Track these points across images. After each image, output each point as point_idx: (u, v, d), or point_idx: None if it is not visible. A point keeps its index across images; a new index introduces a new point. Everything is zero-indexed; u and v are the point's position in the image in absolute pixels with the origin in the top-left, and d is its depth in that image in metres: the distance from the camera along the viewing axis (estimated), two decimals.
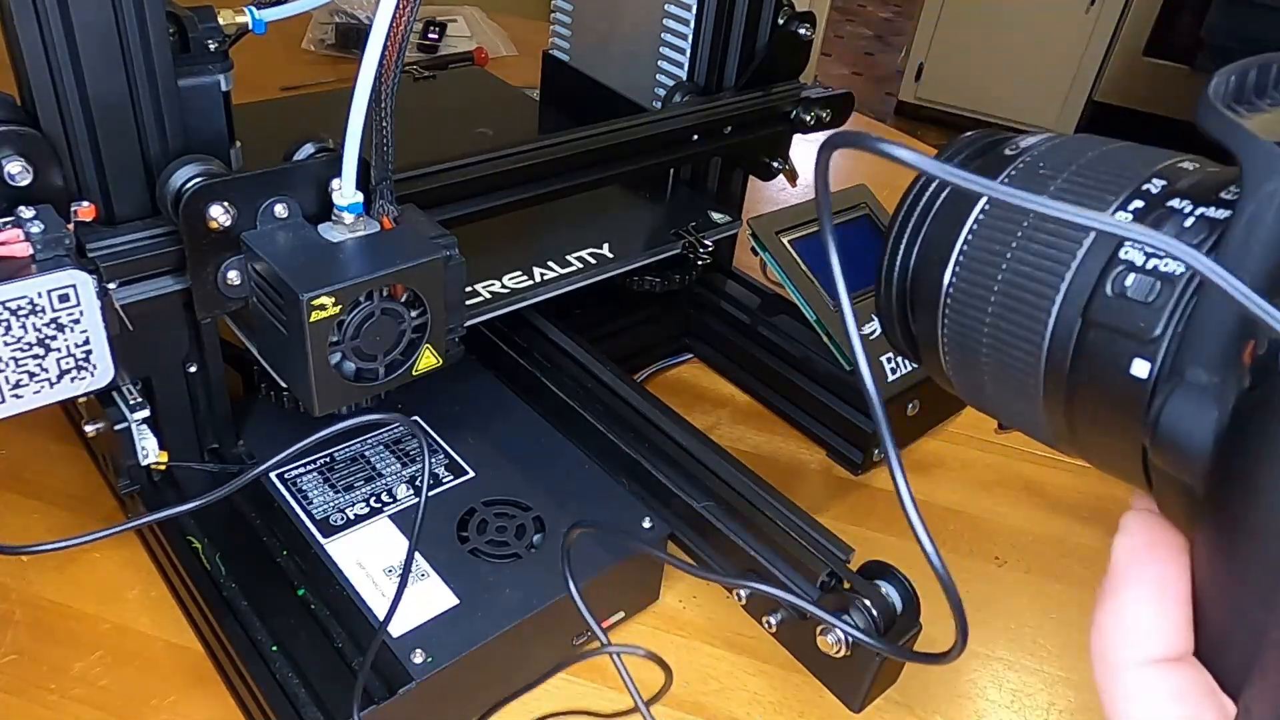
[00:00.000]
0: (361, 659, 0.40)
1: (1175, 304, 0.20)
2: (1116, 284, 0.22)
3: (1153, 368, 0.21)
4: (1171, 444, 0.20)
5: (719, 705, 0.46)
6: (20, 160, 0.36)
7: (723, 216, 0.64)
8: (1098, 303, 0.22)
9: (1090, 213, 0.18)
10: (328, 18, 1.10)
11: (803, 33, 0.61)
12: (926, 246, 0.28)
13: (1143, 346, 0.21)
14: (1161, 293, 0.21)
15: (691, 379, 0.67)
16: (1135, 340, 0.21)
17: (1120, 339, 0.21)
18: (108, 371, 0.38)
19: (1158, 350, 0.21)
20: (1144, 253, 0.21)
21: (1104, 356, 0.22)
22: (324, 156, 0.41)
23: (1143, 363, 0.21)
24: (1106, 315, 0.22)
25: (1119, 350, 0.21)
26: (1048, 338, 0.23)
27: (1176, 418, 0.20)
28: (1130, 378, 0.21)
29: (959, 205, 0.26)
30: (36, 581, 0.47)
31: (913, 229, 0.28)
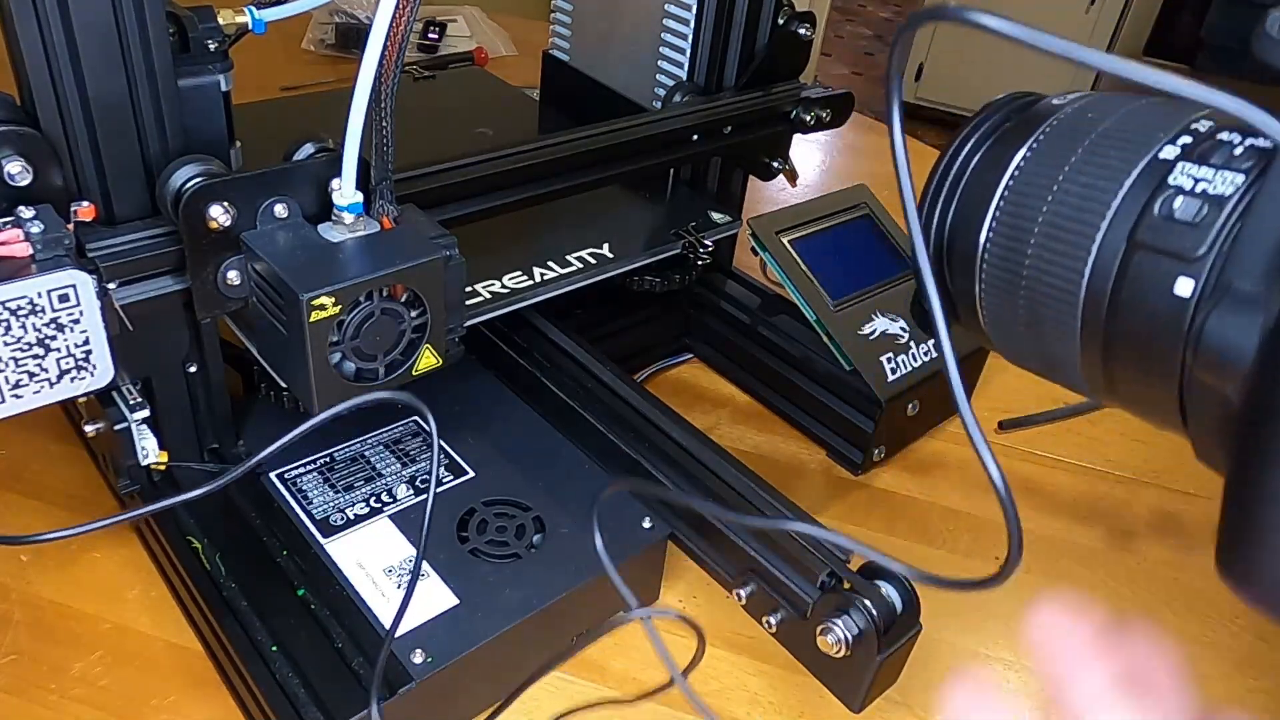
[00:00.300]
0: (362, 659, 0.40)
1: (1222, 224, 0.21)
2: (1164, 207, 0.22)
3: (1196, 285, 0.22)
4: (1216, 353, 0.21)
5: (719, 705, 0.46)
6: (20, 160, 0.36)
7: (723, 216, 0.64)
8: (1144, 225, 0.23)
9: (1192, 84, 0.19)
10: (328, 18, 1.10)
11: (803, 33, 0.61)
12: (965, 199, 0.28)
13: (1188, 265, 0.22)
14: (1208, 214, 0.21)
15: (691, 379, 0.67)
16: (1180, 260, 0.22)
17: (1165, 260, 0.22)
18: (108, 371, 0.38)
19: (1202, 268, 0.21)
20: (1192, 177, 0.22)
21: (1148, 278, 0.23)
22: (324, 156, 0.41)
23: (1187, 281, 0.22)
24: (1153, 237, 0.22)
25: (1163, 271, 0.22)
26: (1090, 264, 0.24)
27: (1221, 327, 0.21)
28: (1174, 298, 0.22)
29: (999, 155, 0.27)
30: (36, 581, 0.47)
31: (950, 186, 0.29)
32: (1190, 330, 0.22)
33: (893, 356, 0.58)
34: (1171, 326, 0.22)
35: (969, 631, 0.51)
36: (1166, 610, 0.54)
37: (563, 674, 0.46)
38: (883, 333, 0.59)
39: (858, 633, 0.42)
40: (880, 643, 0.42)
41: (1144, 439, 0.66)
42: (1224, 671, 0.51)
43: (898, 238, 0.64)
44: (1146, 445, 0.66)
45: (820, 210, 0.62)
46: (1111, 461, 0.64)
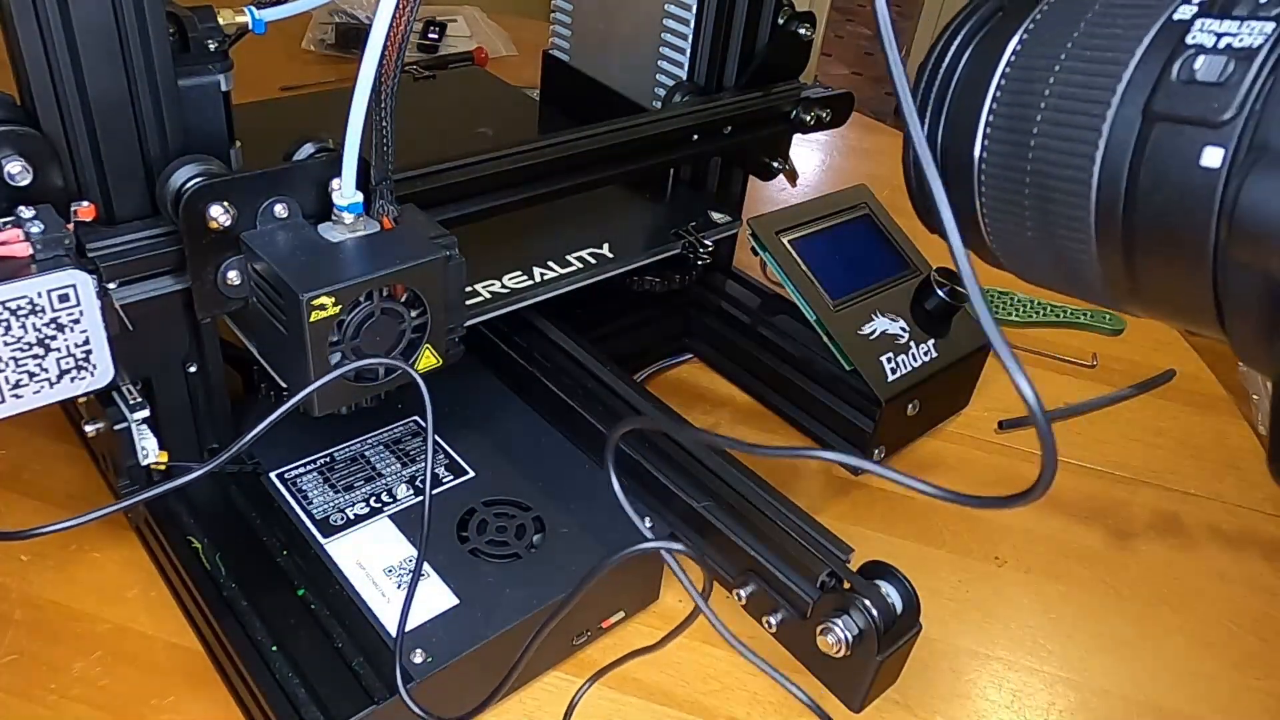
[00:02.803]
0: (362, 659, 0.40)
1: (1252, 80, 0.19)
2: (1184, 70, 0.20)
3: (1226, 153, 0.19)
4: (1256, 223, 0.18)
5: (719, 705, 0.46)
6: (20, 160, 0.36)
7: (723, 216, 0.64)
8: (1162, 93, 0.20)
9: None
10: (328, 18, 1.10)
11: (803, 33, 0.61)
12: (957, 100, 0.25)
13: (1215, 132, 0.19)
14: (1235, 71, 0.19)
15: (691, 379, 0.67)
16: (1206, 127, 0.19)
17: (1189, 129, 0.20)
18: (108, 371, 0.38)
19: (1232, 133, 0.19)
20: (1213, 33, 0.20)
21: (1169, 152, 0.20)
22: (324, 156, 0.41)
23: (1215, 150, 0.19)
24: (1172, 105, 0.20)
25: (1187, 141, 0.20)
26: (1103, 145, 0.21)
27: (1261, 192, 0.18)
28: (1201, 170, 0.19)
29: (990, 47, 0.25)
30: (36, 581, 0.47)
31: (939, 89, 0.26)
32: (1223, 203, 0.19)
33: (892, 356, 0.58)
34: (1201, 203, 0.19)
35: (969, 631, 0.51)
36: (1166, 610, 0.54)
37: (562, 674, 0.46)
38: (883, 333, 0.59)
39: (858, 633, 0.42)
40: (880, 643, 0.42)
41: (1144, 439, 0.66)
42: (1224, 671, 0.51)
43: (898, 238, 0.64)
44: (1146, 445, 0.66)
45: (820, 210, 0.62)
46: (1111, 461, 0.64)
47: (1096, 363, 0.73)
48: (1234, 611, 0.54)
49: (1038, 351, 0.73)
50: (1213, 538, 0.59)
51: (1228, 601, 0.55)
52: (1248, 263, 0.19)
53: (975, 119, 0.24)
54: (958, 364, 0.61)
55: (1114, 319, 0.77)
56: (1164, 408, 0.69)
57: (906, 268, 0.63)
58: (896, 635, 0.43)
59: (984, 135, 0.24)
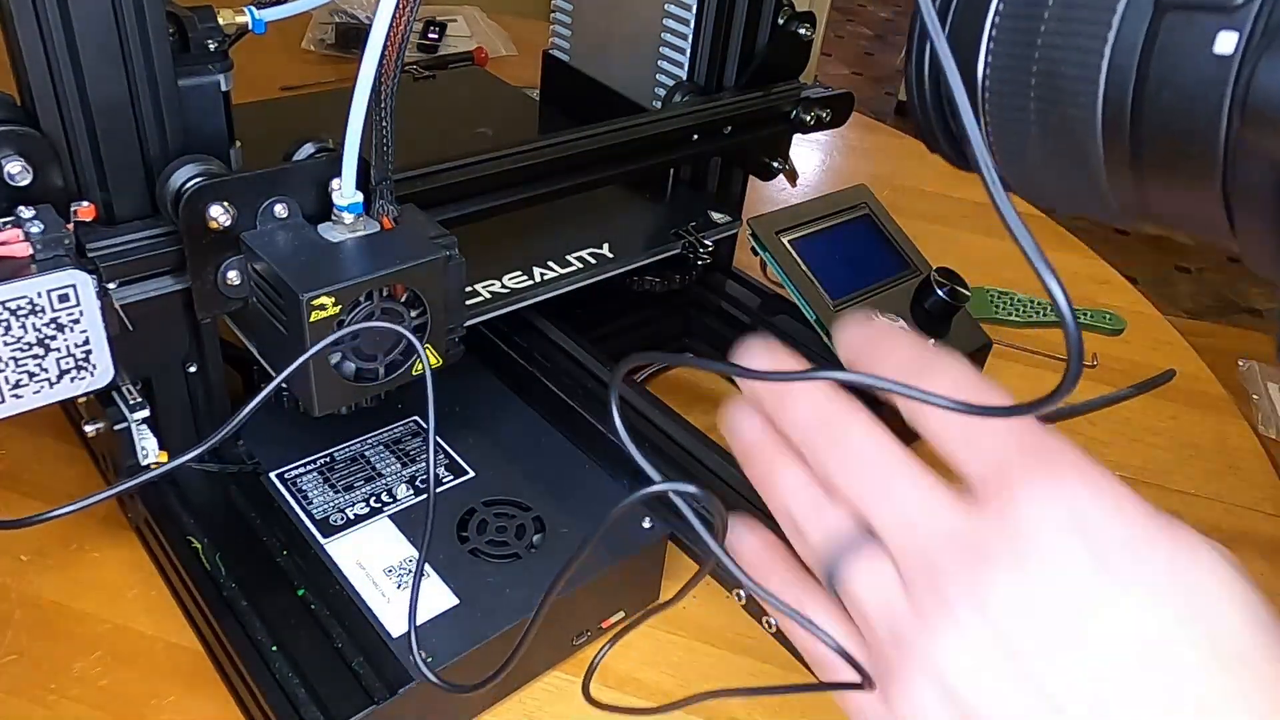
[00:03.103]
0: (362, 659, 0.40)
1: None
2: None
3: (1240, 37, 0.18)
4: (1268, 107, 0.17)
5: (719, 705, 0.46)
6: (20, 160, 0.36)
7: (723, 216, 0.64)
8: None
9: None
10: (328, 18, 1.10)
11: (803, 33, 0.61)
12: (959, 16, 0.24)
13: (1228, 16, 0.18)
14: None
15: (691, 379, 0.67)
16: (1218, 12, 0.18)
17: (1200, 14, 0.19)
18: (108, 371, 0.38)
19: (1246, 16, 0.18)
20: None
21: (1181, 42, 0.19)
22: (324, 156, 0.41)
23: (1229, 35, 0.18)
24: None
25: (1199, 29, 0.19)
26: (1112, 39, 0.20)
27: (1273, 74, 0.17)
28: (1213, 58, 0.18)
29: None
30: (36, 581, 0.47)
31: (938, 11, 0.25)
32: (1235, 90, 0.18)
33: None
34: (1212, 92, 0.18)
35: None
36: None
37: (562, 674, 0.46)
38: None
39: None
40: None
41: (1144, 439, 0.66)
42: None
43: (898, 238, 0.64)
44: (1146, 445, 0.66)
45: (820, 210, 0.62)
46: (1111, 461, 0.64)
47: (1096, 363, 0.73)
48: None
49: (1038, 351, 0.73)
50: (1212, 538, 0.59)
51: None
52: (1259, 150, 0.18)
53: (980, 27, 0.23)
54: None
55: (1114, 319, 0.77)
56: (1164, 408, 0.69)
57: (906, 268, 0.63)
58: None
59: (989, 42, 0.23)
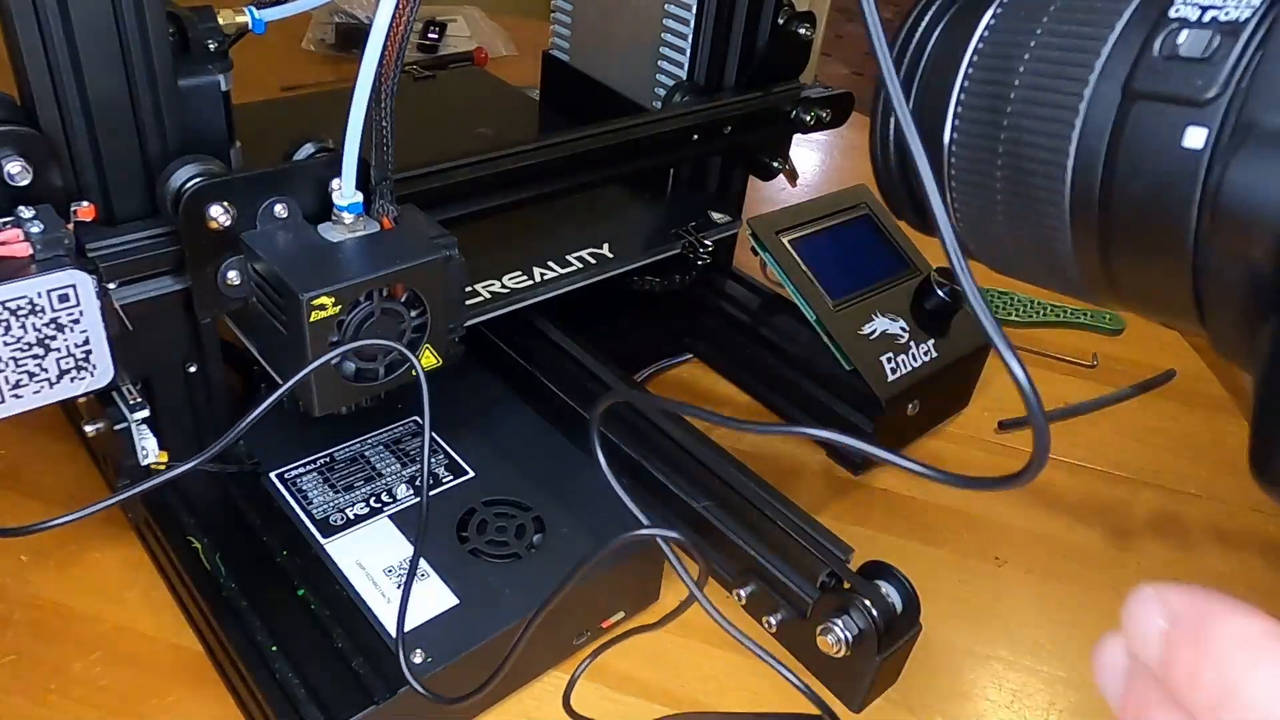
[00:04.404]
0: (362, 659, 0.40)
1: (1239, 55, 0.18)
2: (1166, 45, 0.19)
3: (1210, 134, 0.18)
4: (1242, 207, 0.17)
5: (719, 705, 0.46)
6: (20, 160, 0.36)
7: (723, 216, 0.64)
8: (1143, 69, 0.19)
9: None
10: (328, 18, 1.10)
11: (803, 32, 0.61)
12: (925, 86, 0.24)
13: (1198, 111, 0.18)
14: (1221, 45, 0.18)
15: (691, 379, 0.67)
16: (1189, 105, 0.18)
17: (1171, 108, 0.18)
18: (108, 371, 0.38)
19: (1216, 112, 0.18)
20: (1197, 6, 0.19)
21: (1150, 132, 0.19)
22: (324, 156, 0.41)
23: (1198, 130, 0.18)
24: (1154, 82, 0.19)
25: (1169, 121, 0.18)
26: (1079, 124, 0.20)
27: (1247, 173, 0.17)
28: (1183, 151, 0.18)
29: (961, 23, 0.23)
30: (36, 581, 0.47)
31: (904, 79, 0.25)
32: (1205, 186, 0.18)
33: (892, 356, 0.58)
34: (1182, 186, 0.18)
35: (969, 631, 0.51)
36: None
37: (562, 674, 0.46)
38: (883, 333, 0.59)
39: (858, 633, 0.42)
40: (880, 643, 0.42)
41: (1144, 439, 0.66)
42: None
43: (898, 238, 0.64)
44: (1146, 445, 0.66)
45: (820, 210, 0.62)
46: (1111, 461, 0.64)
47: (1096, 363, 0.73)
48: None
49: (1038, 351, 0.73)
50: (1213, 538, 0.59)
51: None
52: (1230, 249, 0.18)
53: (946, 99, 0.23)
54: (958, 364, 0.61)
55: (1114, 319, 0.77)
56: (1164, 408, 0.69)
57: (906, 268, 0.63)
58: (896, 635, 0.43)
59: (954, 115, 0.23)
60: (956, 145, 0.23)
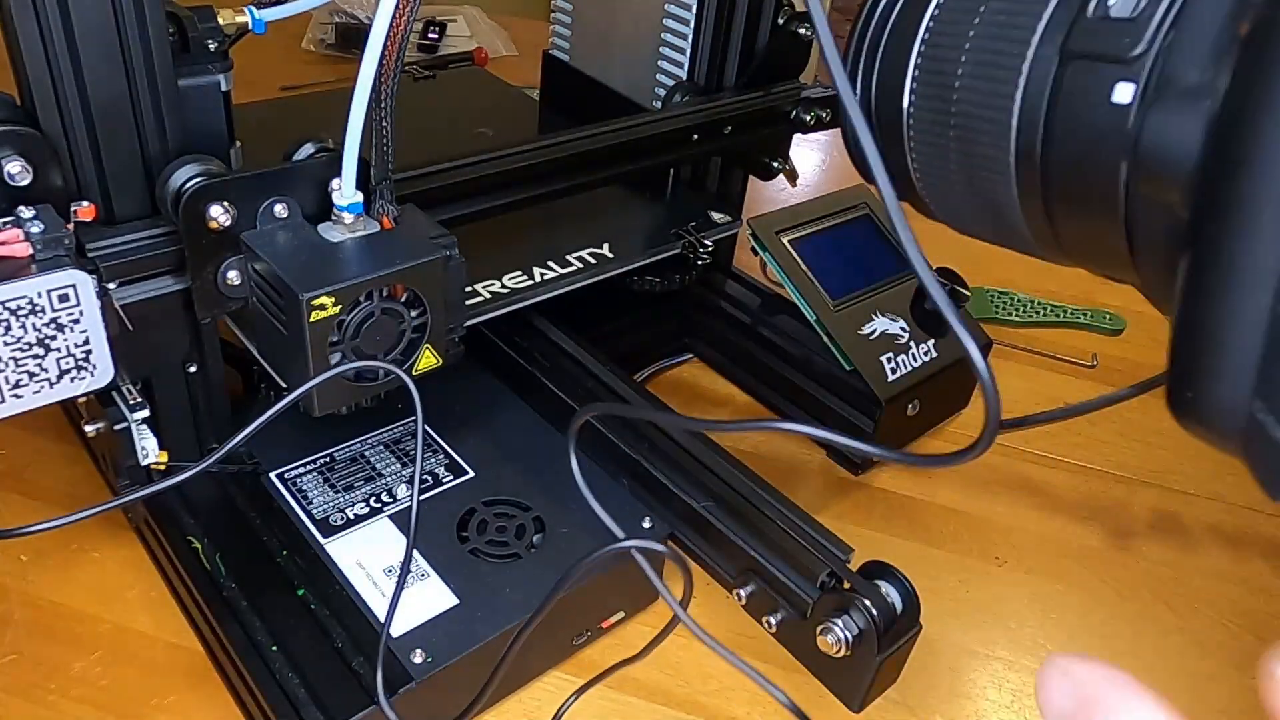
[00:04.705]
0: (361, 658, 0.40)
1: (1163, 14, 0.19)
2: (1099, 6, 0.20)
3: (1136, 89, 0.19)
4: (1158, 156, 0.18)
5: (719, 705, 0.46)
6: (20, 160, 0.36)
7: (723, 216, 0.64)
8: (1077, 31, 0.20)
9: None
10: (328, 18, 1.10)
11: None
12: (885, 59, 0.25)
13: (1126, 68, 0.19)
14: (1147, 5, 0.19)
15: (691, 379, 0.67)
16: (1118, 63, 0.19)
17: (1102, 66, 0.20)
18: (108, 371, 0.38)
19: (1142, 68, 0.19)
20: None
21: (1083, 90, 0.20)
22: (324, 156, 0.41)
23: (1126, 85, 0.19)
24: (1087, 42, 0.20)
25: (1101, 79, 0.20)
26: (1022, 86, 0.21)
27: (1162, 125, 0.18)
28: (1112, 107, 0.19)
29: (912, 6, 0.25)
30: (36, 581, 0.47)
31: (868, 53, 0.26)
32: (1130, 138, 0.19)
33: (892, 356, 0.58)
34: (1112, 140, 0.19)
35: (969, 631, 0.51)
36: (1166, 610, 0.54)
37: (562, 674, 0.46)
38: (883, 333, 0.59)
39: (858, 633, 0.42)
40: (880, 643, 0.42)
41: (1144, 439, 0.66)
42: (1224, 671, 0.51)
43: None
44: (1146, 445, 0.66)
45: (820, 210, 0.62)
46: (1111, 461, 0.64)
47: (1096, 363, 0.73)
48: (1234, 611, 0.54)
49: (1038, 351, 0.73)
50: (1213, 538, 0.59)
51: (1228, 601, 0.55)
52: (1151, 196, 0.19)
53: (903, 69, 0.24)
54: (958, 364, 0.61)
55: (1114, 319, 0.77)
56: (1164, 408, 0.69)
57: (906, 268, 0.63)
58: (896, 635, 0.43)
59: (911, 84, 0.24)
60: (914, 113, 0.24)
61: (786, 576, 0.46)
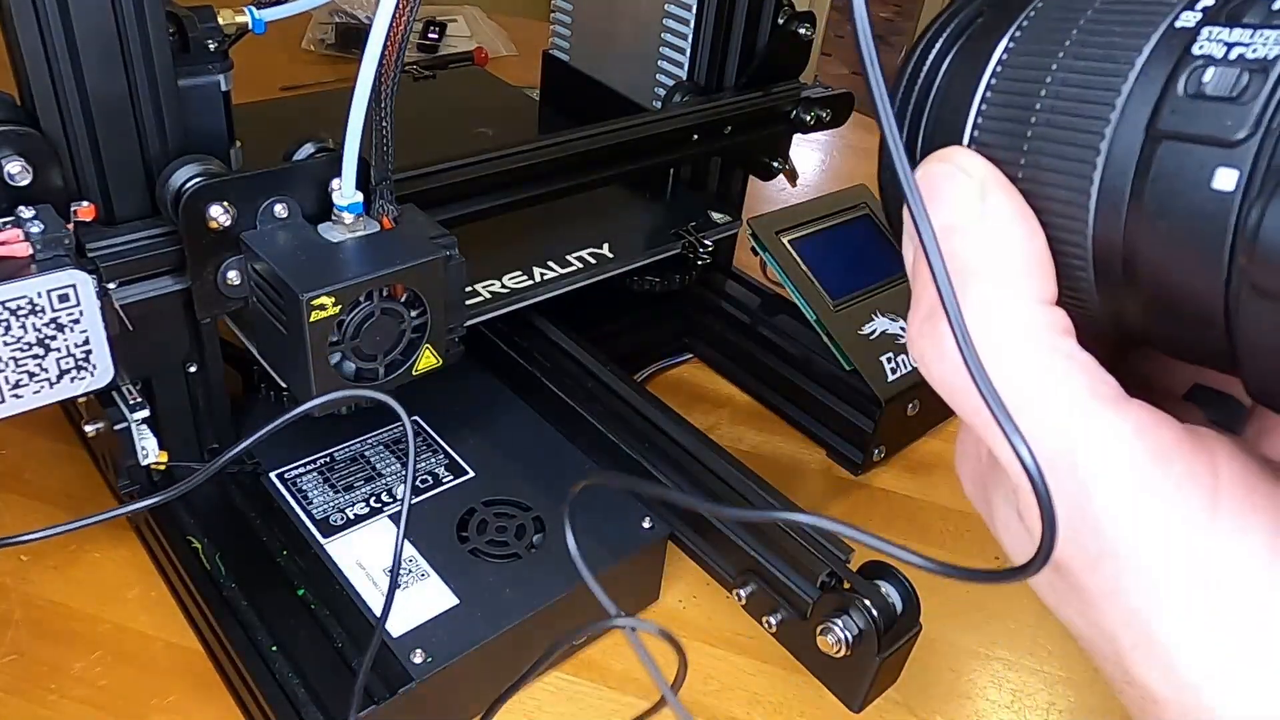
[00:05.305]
0: (362, 658, 0.40)
1: (1269, 93, 0.17)
2: (1191, 83, 0.18)
3: (1241, 175, 0.17)
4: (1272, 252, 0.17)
5: (719, 705, 0.46)
6: (20, 160, 0.36)
7: (723, 216, 0.64)
8: (1167, 109, 0.18)
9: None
10: (328, 18, 1.10)
11: (803, 32, 0.61)
12: (939, 107, 0.24)
13: (1228, 151, 0.18)
14: (1250, 84, 0.17)
15: (691, 379, 0.67)
16: (1218, 146, 0.18)
17: (1199, 148, 0.18)
18: (108, 371, 0.38)
19: (1248, 153, 0.17)
20: (1223, 43, 0.18)
21: (1176, 174, 0.18)
22: (324, 156, 0.41)
23: (1229, 171, 0.18)
24: (1179, 122, 0.18)
25: (1197, 162, 0.18)
26: (1101, 165, 0.19)
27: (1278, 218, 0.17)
28: (1213, 193, 0.18)
29: (976, 50, 0.23)
30: (36, 581, 0.47)
31: (919, 96, 0.24)
32: (1238, 229, 0.17)
33: (892, 356, 0.58)
34: (1212, 230, 0.18)
35: (969, 631, 0.51)
36: None
37: (562, 674, 0.46)
38: (883, 333, 0.59)
39: (858, 633, 0.42)
40: (880, 643, 0.42)
41: None
42: None
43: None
44: None
45: (820, 210, 0.62)
46: None
47: None
48: None
49: None
50: None
51: None
52: (1270, 293, 0.17)
53: (959, 129, 0.23)
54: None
55: None
56: None
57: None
58: (896, 635, 0.43)
59: (971, 142, 0.23)
60: None
61: (786, 576, 0.46)
